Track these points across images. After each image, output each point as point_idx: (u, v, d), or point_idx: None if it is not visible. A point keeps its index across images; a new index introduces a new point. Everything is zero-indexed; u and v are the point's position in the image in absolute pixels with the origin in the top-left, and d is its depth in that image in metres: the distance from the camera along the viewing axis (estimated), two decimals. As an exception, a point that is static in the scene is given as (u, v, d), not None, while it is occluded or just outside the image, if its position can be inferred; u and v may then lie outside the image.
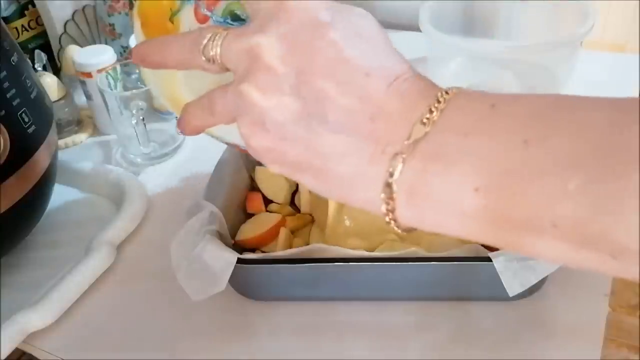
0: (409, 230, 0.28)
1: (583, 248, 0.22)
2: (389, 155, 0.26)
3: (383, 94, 0.27)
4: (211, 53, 0.30)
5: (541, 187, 0.23)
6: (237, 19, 0.33)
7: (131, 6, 0.37)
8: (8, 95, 0.51)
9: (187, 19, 0.34)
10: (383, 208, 0.27)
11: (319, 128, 0.27)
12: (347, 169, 0.27)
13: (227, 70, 0.31)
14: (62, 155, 0.64)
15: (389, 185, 0.26)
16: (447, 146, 0.25)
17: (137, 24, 0.37)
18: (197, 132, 0.34)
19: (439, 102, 0.26)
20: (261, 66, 0.28)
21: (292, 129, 0.28)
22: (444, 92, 0.27)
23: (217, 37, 0.30)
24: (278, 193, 0.59)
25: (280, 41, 0.28)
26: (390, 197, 0.26)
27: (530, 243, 0.24)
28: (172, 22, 0.35)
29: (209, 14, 0.34)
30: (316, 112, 0.27)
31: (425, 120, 0.26)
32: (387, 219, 0.27)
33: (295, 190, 0.60)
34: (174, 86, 0.36)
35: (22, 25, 0.82)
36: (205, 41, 0.30)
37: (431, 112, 0.26)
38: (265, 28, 0.28)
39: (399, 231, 0.28)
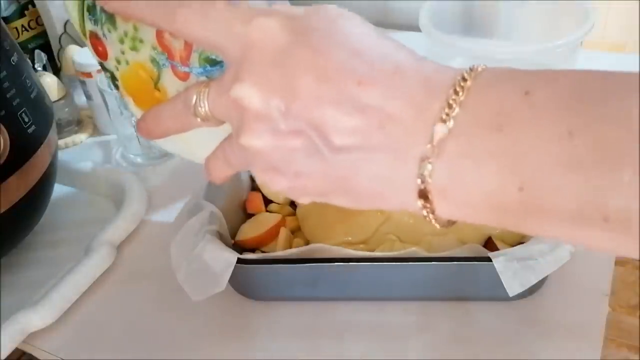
0: (450, 224, 0.27)
1: (636, 240, 0.21)
2: (414, 161, 0.24)
3: (383, 98, 0.25)
4: (202, 113, 0.30)
5: (590, 181, 0.21)
6: (215, 63, 0.32)
7: (116, 87, 0.37)
8: (8, 95, 0.51)
9: (170, 81, 0.33)
10: (423, 212, 0.26)
11: (330, 155, 0.26)
12: (372, 184, 0.26)
13: (225, 121, 0.30)
14: (62, 155, 0.64)
15: (423, 191, 0.25)
16: (480, 143, 0.23)
17: (129, 101, 0.37)
18: (226, 180, 0.34)
19: (457, 92, 0.23)
20: (250, 116, 0.27)
21: (304, 164, 0.27)
22: (460, 80, 0.24)
23: (201, 95, 0.29)
24: (278, 193, 0.59)
25: (258, 85, 0.26)
26: (427, 201, 0.25)
27: (575, 236, 0.23)
28: (159, 90, 0.34)
29: (187, 69, 0.32)
30: (320, 140, 0.26)
31: (444, 117, 0.23)
32: (426, 218, 0.26)
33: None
34: (189, 143, 0.36)
35: (22, 25, 0.82)
36: (193, 102, 0.30)
37: (450, 106, 0.23)
38: (239, 76, 0.27)
39: (438, 226, 0.27)
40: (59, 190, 0.62)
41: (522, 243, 0.47)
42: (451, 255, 0.47)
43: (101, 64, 0.36)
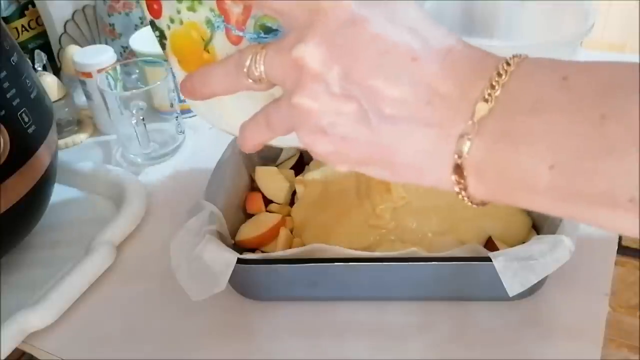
0: (483, 204, 0.28)
1: None
2: (454, 137, 0.26)
3: (434, 76, 0.26)
4: (256, 73, 0.31)
5: (620, 163, 0.22)
6: (269, 31, 0.33)
7: (163, 47, 0.38)
8: (8, 95, 0.51)
9: (221, 44, 0.34)
10: (456, 188, 0.27)
11: (377, 123, 0.27)
12: (413, 157, 0.27)
13: (275, 85, 0.31)
14: (62, 155, 0.64)
15: (458, 167, 0.26)
16: (517, 123, 0.24)
17: (174, 61, 0.38)
18: (258, 148, 0.34)
19: (500, 75, 0.25)
20: (307, 75, 0.28)
21: (351, 128, 0.28)
22: (504, 64, 0.26)
23: (258, 57, 0.30)
24: (278, 193, 0.59)
25: (320, 47, 0.28)
26: (461, 177, 0.26)
27: (601, 216, 0.24)
28: (208, 52, 0.35)
29: (241, 34, 0.34)
30: (371, 108, 0.27)
31: (487, 97, 0.25)
32: (459, 196, 0.27)
33: (295, 190, 0.60)
34: (226, 111, 0.36)
35: (22, 25, 0.82)
36: (247, 63, 0.31)
37: (493, 87, 0.25)
38: (302, 37, 0.28)
39: (473, 205, 0.28)
40: (59, 190, 0.62)
41: (522, 243, 0.47)
42: (451, 255, 0.47)
43: (152, 23, 0.37)
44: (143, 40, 0.74)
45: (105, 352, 0.50)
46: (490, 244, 0.50)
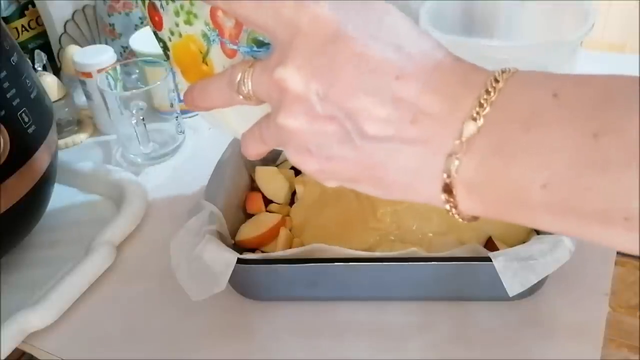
0: (474, 219, 0.27)
1: None
2: (442, 156, 0.25)
3: (419, 94, 0.26)
4: (245, 91, 0.31)
5: (614, 181, 0.21)
6: (262, 44, 0.34)
7: (167, 57, 0.39)
8: (8, 95, 0.51)
9: (218, 57, 0.35)
10: (446, 206, 0.27)
11: (361, 142, 0.27)
12: (401, 175, 0.27)
13: (265, 101, 0.31)
14: (62, 155, 0.64)
15: (447, 185, 0.26)
16: (507, 141, 0.24)
17: (177, 72, 0.39)
18: (260, 157, 0.34)
19: (488, 92, 0.24)
20: (290, 97, 0.28)
21: (335, 148, 0.28)
22: (493, 80, 0.25)
23: (246, 74, 0.31)
24: (278, 193, 0.59)
25: (301, 68, 0.27)
26: (450, 196, 0.26)
27: (596, 233, 0.23)
28: (207, 64, 0.36)
29: (234, 47, 0.34)
30: (353, 128, 0.27)
31: (475, 115, 0.24)
32: (450, 213, 0.27)
33: (295, 190, 0.60)
34: (226, 116, 0.37)
35: (22, 25, 0.82)
36: (237, 80, 0.31)
37: (481, 105, 0.24)
38: (284, 58, 0.28)
39: (462, 221, 0.27)
40: (59, 190, 0.62)
41: (522, 243, 0.47)
42: (451, 255, 0.47)
43: (155, 34, 0.38)
44: (143, 40, 0.74)
45: (105, 352, 0.50)
46: (490, 244, 0.50)
